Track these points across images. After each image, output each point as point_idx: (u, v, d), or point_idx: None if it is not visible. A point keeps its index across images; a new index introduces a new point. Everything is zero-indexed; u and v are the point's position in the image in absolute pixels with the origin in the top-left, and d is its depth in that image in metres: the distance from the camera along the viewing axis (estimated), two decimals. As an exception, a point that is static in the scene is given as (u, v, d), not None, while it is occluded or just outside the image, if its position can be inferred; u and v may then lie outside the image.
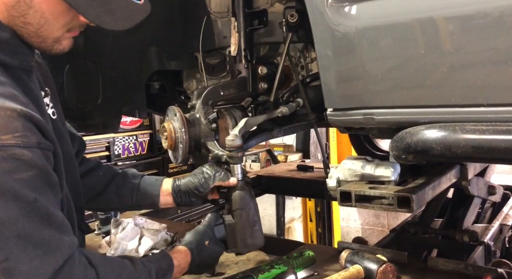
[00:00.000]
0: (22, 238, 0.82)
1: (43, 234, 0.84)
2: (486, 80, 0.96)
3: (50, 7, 0.93)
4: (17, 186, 0.81)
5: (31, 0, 0.91)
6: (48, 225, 0.85)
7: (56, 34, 0.97)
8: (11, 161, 0.81)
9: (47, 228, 0.85)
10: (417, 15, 1.01)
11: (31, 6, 0.91)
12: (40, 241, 0.84)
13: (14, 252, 0.81)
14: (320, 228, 4.09)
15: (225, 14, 1.71)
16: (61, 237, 0.88)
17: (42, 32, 0.95)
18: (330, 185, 1.45)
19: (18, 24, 0.93)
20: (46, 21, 0.94)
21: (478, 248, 1.85)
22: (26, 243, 0.82)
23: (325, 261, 1.58)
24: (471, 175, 1.76)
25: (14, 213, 0.81)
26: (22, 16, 0.92)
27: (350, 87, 1.15)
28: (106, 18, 0.95)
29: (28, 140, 0.84)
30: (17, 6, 0.91)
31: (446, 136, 0.96)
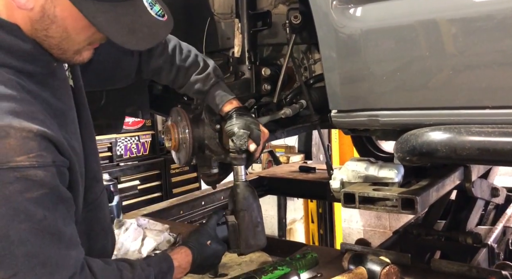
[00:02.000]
0: (30, 257, 0.84)
1: (51, 253, 0.87)
2: (491, 82, 0.96)
3: (72, 23, 0.94)
4: (28, 205, 0.83)
5: (55, 16, 0.93)
6: (57, 242, 0.88)
7: (77, 47, 0.99)
8: (24, 182, 0.83)
9: (55, 245, 0.87)
10: (422, 17, 1.01)
11: (54, 21, 0.93)
12: (47, 260, 0.86)
13: (22, 270, 0.83)
14: (321, 229, 4.08)
15: (228, 16, 1.71)
16: (68, 253, 0.90)
17: (63, 45, 0.97)
18: (333, 186, 1.45)
19: (41, 36, 0.95)
20: (68, 36, 0.96)
21: (482, 250, 1.85)
22: (34, 262, 0.84)
23: (328, 263, 1.58)
24: (475, 177, 1.76)
25: (24, 232, 0.83)
26: (45, 30, 0.94)
27: (355, 89, 1.15)
28: (129, 38, 0.95)
29: (43, 159, 0.86)
30: (41, 21, 0.93)
31: (451, 138, 0.96)
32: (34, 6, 0.91)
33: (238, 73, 1.57)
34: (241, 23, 1.53)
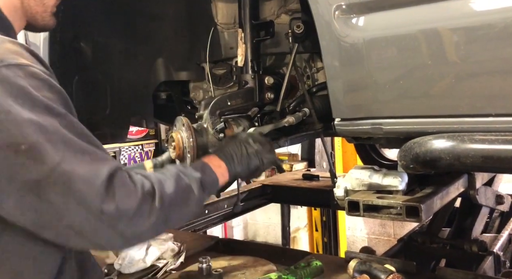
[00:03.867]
0: (69, 144, 0.80)
1: (87, 145, 0.82)
2: (493, 90, 0.96)
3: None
4: (47, 101, 0.80)
5: None
6: (87, 138, 0.84)
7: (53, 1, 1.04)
8: (34, 79, 0.80)
9: (87, 141, 0.83)
10: (424, 26, 1.02)
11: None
12: (86, 149, 0.82)
13: (67, 156, 0.78)
14: (326, 237, 4.06)
15: (231, 26, 1.73)
16: (102, 151, 0.86)
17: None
18: (337, 194, 1.45)
19: None
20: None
21: (488, 258, 1.83)
22: (75, 149, 0.80)
23: (332, 271, 1.58)
24: (479, 184, 1.76)
25: (54, 122, 0.79)
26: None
27: (358, 97, 1.16)
28: None
29: (40, 66, 0.85)
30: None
31: (455, 146, 0.96)
32: None
33: (241, 82, 1.59)
34: (244, 33, 1.54)
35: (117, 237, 0.83)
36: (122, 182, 0.83)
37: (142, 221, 0.85)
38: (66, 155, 0.78)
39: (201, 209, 1.06)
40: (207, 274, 1.54)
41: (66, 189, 0.78)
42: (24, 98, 0.77)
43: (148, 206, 0.86)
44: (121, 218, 0.82)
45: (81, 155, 0.80)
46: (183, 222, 1.00)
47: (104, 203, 0.79)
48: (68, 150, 0.79)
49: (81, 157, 0.80)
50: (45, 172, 0.77)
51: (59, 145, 0.78)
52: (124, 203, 0.81)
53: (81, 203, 0.78)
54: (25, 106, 0.77)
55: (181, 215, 0.98)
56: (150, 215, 0.86)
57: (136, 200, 0.84)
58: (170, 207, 0.92)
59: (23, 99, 0.77)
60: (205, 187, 1.05)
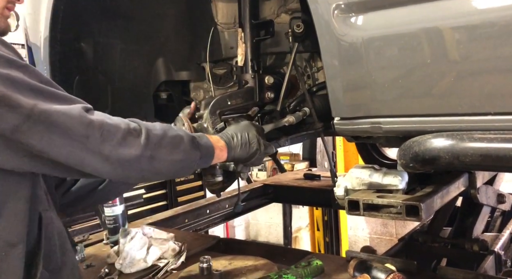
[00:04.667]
0: (38, 91, 0.82)
1: (55, 91, 0.85)
2: (493, 89, 0.96)
3: None
4: (6, 55, 0.82)
5: None
6: (53, 85, 0.87)
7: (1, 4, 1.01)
8: None
9: (55, 88, 0.87)
10: (423, 24, 1.02)
11: None
12: (56, 93, 0.85)
13: (39, 99, 0.81)
14: (327, 237, 4.06)
15: (232, 25, 1.73)
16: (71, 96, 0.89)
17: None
18: (337, 193, 1.45)
19: None
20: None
21: (489, 257, 1.83)
22: (44, 94, 0.82)
23: (333, 271, 1.58)
24: (480, 183, 1.75)
25: (18, 73, 0.81)
26: None
27: (357, 96, 1.16)
28: None
29: None
30: None
31: (454, 145, 0.96)
32: None
33: (241, 81, 1.59)
34: (244, 32, 1.55)
35: (102, 161, 0.87)
36: (103, 115, 0.89)
37: (127, 149, 0.89)
38: (39, 98, 0.81)
39: (193, 166, 1.09)
40: (207, 273, 1.54)
41: (48, 124, 0.80)
42: None
43: (134, 138, 0.90)
44: (106, 142, 0.86)
45: (52, 98, 0.83)
46: (174, 169, 1.03)
47: (88, 129, 0.84)
48: (39, 95, 0.82)
49: (54, 100, 0.83)
50: (23, 115, 0.79)
51: (29, 93, 0.80)
52: (108, 129, 0.86)
53: (65, 133, 0.82)
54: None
55: (169, 159, 0.99)
56: (135, 146, 0.90)
57: (121, 130, 0.89)
58: (157, 146, 0.95)
59: None
60: (198, 145, 1.08)
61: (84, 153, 0.84)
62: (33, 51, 1.77)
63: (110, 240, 1.93)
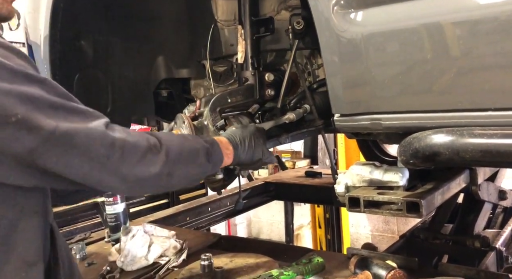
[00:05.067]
0: (57, 107, 0.79)
1: (74, 105, 0.82)
2: (493, 84, 0.96)
3: None
4: (23, 69, 0.78)
5: None
6: (72, 100, 0.84)
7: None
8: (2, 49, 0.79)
9: (73, 101, 0.83)
10: (423, 20, 1.02)
11: None
12: (76, 108, 0.82)
13: (60, 118, 0.78)
14: (329, 234, 4.06)
15: (232, 22, 1.73)
16: (91, 109, 0.86)
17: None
18: (338, 190, 1.45)
19: None
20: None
21: (490, 254, 1.83)
22: (64, 111, 0.79)
23: (334, 267, 1.58)
24: (481, 179, 1.75)
25: (36, 89, 0.78)
26: None
27: (357, 92, 1.15)
28: None
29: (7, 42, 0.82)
30: None
31: (454, 141, 0.96)
32: None
33: (241, 79, 1.59)
34: (244, 29, 1.54)
35: (120, 181, 0.84)
36: (124, 130, 0.85)
37: (146, 168, 0.87)
38: (59, 117, 0.78)
39: (203, 177, 1.12)
40: (209, 271, 1.55)
41: (68, 146, 0.77)
42: (3, 71, 0.75)
43: (154, 156, 0.88)
44: (125, 162, 0.83)
45: (73, 115, 0.80)
46: (186, 183, 1.03)
47: (109, 149, 0.81)
48: (59, 113, 0.78)
49: (74, 117, 0.80)
50: (43, 137, 0.75)
51: (49, 110, 0.77)
52: (129, 149, 0.83)
53: (84, 154, 0.78)
54: (4, 79, 0.75)
55: (184, 174, 0.99)
56: (154, 164, 0.88)
57: (141, 148, 0.86)
58: (175, 163, 0.94)
59: (2, 72, 0.75)
60: (210, 158, 1.07)
61: (102, 174, 0.82)
62: (33, 50, 1.77)
63: (111, 238, 1.93)
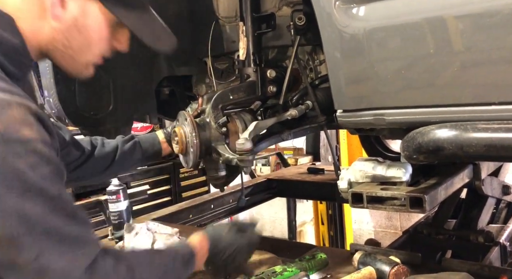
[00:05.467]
0: (51, 234, 0.80)
1: (71, 230, 0.83)
2: (497, 78, 0.95)
3: (97, 33, 0.96)
4: (41, 181, 0.80)
5: (84, 26, 0.94)
6: (74, 220, 0.84)
7: (91, 59, 1.01)
8: (33, 156, 0.80)
9: (74, 223, 0.84)
10: (425, 14, 1.01)
11: (81, 32, 0.94)
12: (68, 236, 0.82)
13: (45, 249, 0.79)
14: (332, 231, 4.06)
15: (233, 19, 1.72)
16: (87, 231, 0.88)
17: (78, 57, 0.98)
18: (341, 186, 1.45)
19: (58, 47, 0.94)
20: (88, 46, 0.97)
21: (494, 249, 1.83)
22: (55, 239, 0.80)
23: (337, 264, 1.58)
24: (485, 174, 1.74)
25: (41, 208, 0.79)
26: (67, 39, 0.94)
27: (360, 88, 1.15)
28: (155, 41, 1.05)
29: (43, 135, 0.83)
30: (67, 31, 0.93)
31: (458, 135, 0.96)
32: (66, 17, 0.91)
33: (243, 76, 1.58)
34: (245, 26, 1.54)
35: None
36: (100, 276, 0.85)
37: None
38: (46, 246, 0.79)
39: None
40: (212, 267, 1.55)
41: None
42: (17, 183, 0.77)
43: None
44: None
45: (61, 245, 0.81)
46: None
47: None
48: (49, 241, 0.79)
49: (61, 247, 0.81)
50: (22, 263, 0.77)
51: (40, 236, 0.79)
52: None
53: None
54: (16, 192, 0.76)
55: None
56: None
57: None
58: None
59: (16, 184, 0.77)
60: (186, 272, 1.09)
61: None
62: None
63: (115, 235, 1.93)
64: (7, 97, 0.80)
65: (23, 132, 0.79)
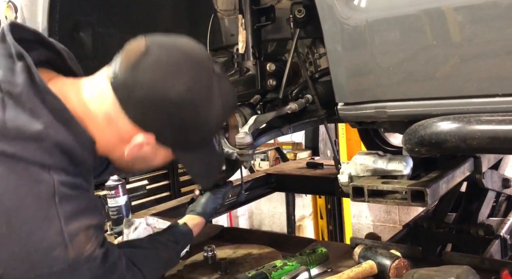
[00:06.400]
0: None
1: None
2: (501, 69, 0.94)
3: (159, 161, 1.08)
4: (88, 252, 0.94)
5: (152, 160, 1.06)
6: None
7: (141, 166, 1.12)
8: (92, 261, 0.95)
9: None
10: (428, 5, 1.00)
11: (147, 162, 1.06)
12: None
13: None
14: (331, 225, 4.07)
15: (232, 12, 1.71)
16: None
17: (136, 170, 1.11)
18: (342, 180, 1.44)
19: (122, 164, 1.07)
20: (146, 166, 1.09)
21: (494, 242, 1.83)
22: None
23: (338, 258, 1.57)
24: (485, 168, 1.74)
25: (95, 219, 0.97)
26: (132, 163, 1.05)
27: (361, 81, 1.14)
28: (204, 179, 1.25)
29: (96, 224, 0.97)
30: (136, 160, 1.04)
31: (461, 127, 0.95)
32: (139, 155, 1.01)
33: (243, 69, 1.57)
34: (244, 19, 1.52)
35: None
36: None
37: None
38: None
39: None
40: (212, 262, 1.54)
41: None
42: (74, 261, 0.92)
43: None
44: None
45: None
46: None
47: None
48: None
49: None
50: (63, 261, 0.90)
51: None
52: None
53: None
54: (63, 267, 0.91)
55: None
56: None
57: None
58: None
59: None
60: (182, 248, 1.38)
61: None
62: (31, 43, 1.75)
63: (114, 230, 1.93)
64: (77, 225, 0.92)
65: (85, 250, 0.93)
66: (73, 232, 0.90)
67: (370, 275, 1.40)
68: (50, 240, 0.87)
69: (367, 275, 1.39)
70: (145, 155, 1.02)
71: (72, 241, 0.89)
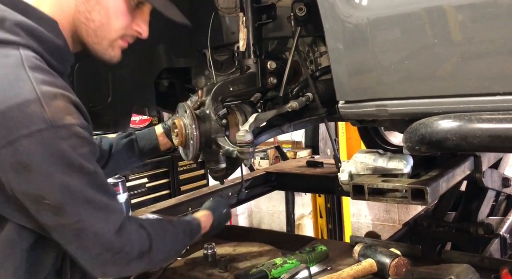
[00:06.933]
0: (88, 203, 0.94)
1: (104, 199, 0.98)
2: (501, 68, 0.94)
3: (114, 6, 1.06)
4: (81, 160, 0.93)
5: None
6: (105, 192, 0.99)
7: (113, 35, 1.10)
8: (75, 138, 0.93)
9: (105, 194, 0.99)
10: (429, 3, 1.00)
11: (99, 2, 1.04)
12: (102, 205, 0.97)
13: (84, 215, 0.94)
14: (330, 224, 4.07)
15: (233, 10, 1.70)
16: (115, 202, 1.04)
17: (101, 32, 1.08)
18: (342, 178, 1.44)
19: (81, 20, 1.05)
20: (108, 20, 1.07)
21: (494, 241, 1.83)
22: (92, 207, 0.95)
23: (337, 256, 1.58)
24: (485, 167, 1.74)
25: (80, 182, 0.93)
26: (88, 11, 1.05)
27: (363, 79, 1.14)
28: (170, 11, 1.18)
29: (82, 121, 0.97)
30: (87, 1, 1.04)
31: (462, 126, 0.95)
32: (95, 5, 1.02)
33: (243, 67, 1.57)
34: (245, 16, 1.52)
35: (101, 274, 1.05)
36: (127, 239, 1.02)
37: (129, 271, 1.11)
38: (84, 213, 0.95)
39: None
40: (212, 260, 1.55)
41: (76, 237, 0.96)
42: (61, 161, 0.90)
43: (139, 262, 1.06)
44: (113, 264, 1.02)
45: (96, 212, 0.96)
46: None
47: (103, 251, 0.99)
48: (87, 208, 0.95)
49: (97, 214, 0.96)
50: (61, 223, 0.94)
51: (80, 204, 0.94)
52: (120, 256, 1.01)
53: (83, 247, 0.98)
54: (60, 168, 0.90)
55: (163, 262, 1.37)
56: (137, 268, 1.10)
57: (133, 256, 1.03)
58: (157, 262, 1.19)
59: (60, 161, 0.90)
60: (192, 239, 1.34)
61: (91, 262, 1.01)
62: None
63: (114, 228, 1.92)
64: (53, 90, 0.92)
65: (66, 118, 0.91)
66: (47, 94, 0.89)
67: (370, 273, 1.40)
68: (22, 96, 0.87)
69: (367, 273, 1.39)
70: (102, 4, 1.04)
71: (48, 103, 0.88)
